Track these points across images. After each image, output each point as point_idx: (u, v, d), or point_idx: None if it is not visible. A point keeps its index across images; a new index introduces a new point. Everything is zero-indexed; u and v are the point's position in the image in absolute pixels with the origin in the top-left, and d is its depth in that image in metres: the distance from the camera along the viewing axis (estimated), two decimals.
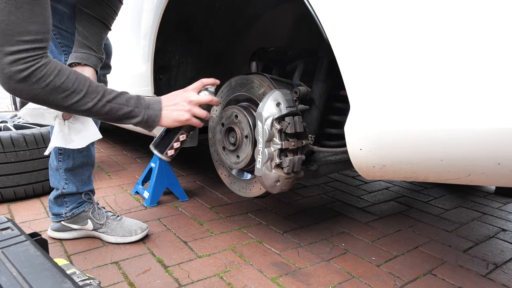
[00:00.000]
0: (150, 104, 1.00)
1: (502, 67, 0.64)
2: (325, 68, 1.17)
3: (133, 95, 0.98)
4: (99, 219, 1.38)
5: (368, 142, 0.83)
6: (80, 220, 1.37)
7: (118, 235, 1.37)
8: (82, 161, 1.35)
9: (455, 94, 0.69)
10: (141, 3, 1.51)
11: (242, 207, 1.77)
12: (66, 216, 1.36)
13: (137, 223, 1.41)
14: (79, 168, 1.35)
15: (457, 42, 0.68)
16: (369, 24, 0.78)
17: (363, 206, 1.86)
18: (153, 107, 1.00)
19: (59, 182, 1.34)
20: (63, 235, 1.39)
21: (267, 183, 1.11)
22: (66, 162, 1.32)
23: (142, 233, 1.39)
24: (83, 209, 1.37)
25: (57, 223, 1.38)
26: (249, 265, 1.26)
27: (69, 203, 1.36)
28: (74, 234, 1.39)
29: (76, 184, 1.35)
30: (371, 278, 1.21)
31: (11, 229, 0.63)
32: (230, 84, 1.30)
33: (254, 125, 1.16)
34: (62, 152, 1.31)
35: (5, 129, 1.95)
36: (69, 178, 1.34)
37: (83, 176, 1.37)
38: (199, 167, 2.45)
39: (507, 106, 0.64)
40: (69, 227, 1.37)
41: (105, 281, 1.13)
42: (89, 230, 1.39)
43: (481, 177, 0.76)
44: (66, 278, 0.45)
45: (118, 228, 1.38)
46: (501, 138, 0.66)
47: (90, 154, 1.37)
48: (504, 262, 1.36)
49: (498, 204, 2.00)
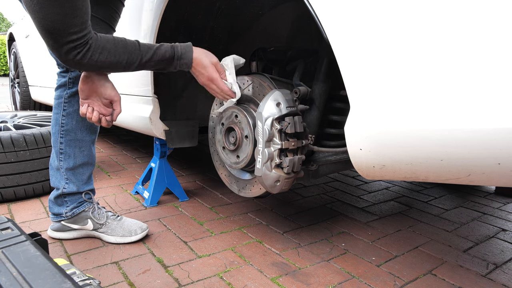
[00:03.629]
0: (182, 54, 1.11)
1: (502, 67, 0.64)
2: (325, 68, 1.17)
3: (167, 46, 1.09)
4: (99, 219, 1.38)
5: (368, 142, 0.83)
6: (80, 220, 1.37)
7: (118, 235, 1.37)
8: (83, 160, 1.35)
9: (455, 94, 0.69)
10: (141, 4, 1.51)
11: (242, 207, 1.77)
12: (66, 216, 1.36)
13: (137, 223, 1.41)
14: (80, 168, 1.35)
15: (456, 42, 0.68)
16: (369, 24, 0.78)
17: (363, 206, 1.86)
18: (186, 53, 1.11)
19: (60, 181, 1.34)
20: (63, 235, 1.39)
21: (267, 183, 1.11)
22: (67, 162, 1.32)
23: (142, 233, 1.39)
24: (83, 208, 1.37)
25: (57, 223, 1.38)
26: (249, 265, 1.26)
27: (70, 202, 1.36)
28: (74, 234, 1.39)
29: (77, 184, 1.35)
30: (371, 278, 1.21)
31: (11, 229, 0.63)
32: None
33: (254, 125, 1.16)
34: (63, 152, 1.32)
35: (5, 129, 1.95)
36: (69, 178, 1.34)
37: (84, 176, 1.37)
38: (199, 167, 2.45)
39: (507, 106, 0.64)
40: (69, 227, 1.37)
41: (105, 281, 1.13)
42: (89, 230, 1.39)
43: (481, 177, 0.76)
44: (66, 278, 0.45)
45: (118, 228, 1.38)
46: (501, 138, 0.66)
47: (91, 153, 1.37)
48: (504, 262, 1.36)
49: (498, 204, 2.00)
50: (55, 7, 0.86)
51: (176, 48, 1.09)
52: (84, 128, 1.33)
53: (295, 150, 1.11)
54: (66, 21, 0.88)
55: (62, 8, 0.86)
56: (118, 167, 2.40)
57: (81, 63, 0.97)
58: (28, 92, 3.85)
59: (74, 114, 1.30)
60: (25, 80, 3.85)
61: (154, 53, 1.06)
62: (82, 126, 1.32)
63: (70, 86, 1.29)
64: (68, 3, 0.87)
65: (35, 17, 0.87)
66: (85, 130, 1.33)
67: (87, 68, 1.05)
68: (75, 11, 0.89)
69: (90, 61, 0.98)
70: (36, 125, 2.06)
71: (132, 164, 2.48)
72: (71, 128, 1.31)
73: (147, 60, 1.06)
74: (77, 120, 1.31)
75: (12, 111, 2.64)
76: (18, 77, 4.05)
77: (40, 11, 0.86)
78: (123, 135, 3.46)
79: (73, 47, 0.93)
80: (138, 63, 1.05)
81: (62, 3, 0.86)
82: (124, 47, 1.03)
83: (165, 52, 1.07)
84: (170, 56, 1.08)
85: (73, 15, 0.89)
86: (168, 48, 1.08)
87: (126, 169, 2.35)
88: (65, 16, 0.88)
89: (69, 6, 0.87)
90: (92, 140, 1.38)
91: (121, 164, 2.46)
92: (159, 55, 1.07)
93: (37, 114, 2.49)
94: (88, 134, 1.35)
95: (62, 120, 1.30)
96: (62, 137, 1.31)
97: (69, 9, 0.87)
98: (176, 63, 1.09)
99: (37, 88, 3.53)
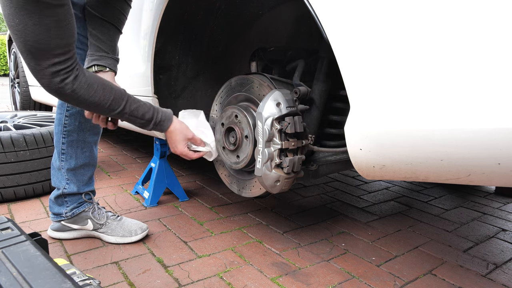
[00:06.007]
0: (161, 121, 1.16)
1: (502, 67, 0.64)
2: (325, 68, 1.17)
3: (151, 108, 1.13)
4: (99, 219, 1.38)
5: (368, 142, 0.83)
6: (80, 220, 1.37)
7: (118, 235, 1.37)
8: (84, 161, 1.35)
9: (455, 94, 0.69)
10: (141, 3, 1.51)
11: (242, 207, 1.77)
12: (66, 216, 1.36)
13: (137, 223, 1.41)
14: (81, 169, 1.35)
15: (456, 42, 0.68)
16: (369, 24, 0.78)
17: (363, 206, 1.86)
18: (164, 122, 1.17)
19: (61, 181, 1.34)
20: (63, 235, 1.39)
21: (267, 183, 1.11)
22: (68, 162, 1.32)
23: (142, 233, 1.39)
24: (83, 209, 1.37)
25: (57, 223, 1.38)
26: (249, 265, 1.26)
27: (70, 203, 1.36)
28: (74, 234, 1.39)
29: (77, 185, 1.35)
30: (371, 278, 1.21)
31: (11, 229, 0.63)
32: (230, 84, 1.30)
33: (254, 125, 1.16)
34: (65, 152, 1.32)
35: (5, 129, 1.95)
36: (70, 178, 1.34)
37: (85, 177, 1.37)
38: (199, 167, 2.45)
39: (507, 106, 0.64)
40: (69, 227, 1.37)
41: (105, 281, 1.13)
42: (89, 230, 1.39)
43: (481, 177, 0.76)
44: (66, 278, 0.45)
45: (118, 228, 1.38)
46: (501, 138, 0.66)
47: (93, 155, 1.38)
48: (504, 262, 1.36)
49: (498, 204, 2.00)
50: (39, 27, 0.83)
51: (157, 113, 1.14)
52: (87, 129, 1.33)
53: (295, 150, 1.11)
54: (50, 42, 0.86)
55: (46, 29, 0.84)
56: (118, 167, 2.40)
57: (62, 91, 0.94)
58: (28, 92, 3.85)
59: (77, 115, 1.30)
60: (25, 80, 3.85)
61: (136, 108, 1.09)
62: (85, 127, 1.32)
63: None
64: (53, 24, 0.84)
65: (18, 37, 0.84)
66: (87, 131, 1.33)
67: (66, 101, 1.01)
68: (60, 33, 0.87)
69: (72, 94, 0.95)
70: (36, 125, 2.06)
71: (132, 164, 2.48)
72: (73, 129, 1.31)
73: (128, 112, 1.07)
74: (80, 121, 1.31)
75: (12, 111, 2.64)
76: (18, 77, 4.05)
77: (24, 30, 0.83)
78: (123, 135, 3.46)
79: (57, 72, 0.90)
80: (118, 112, 1.06)
81: (47, 24, 0.83)
82: (110, 91, 1.03)
83: (146, 113, 1.11)
84: (149, 118, 1.12)
85: (58, 36, 0.86)
86: (150, 109, 1.12)
87: (126, 169, 2.35)
88: (50, 37, 0.85)
89: (55, 26, 0.85)
90: (95, 141, 1.38)
91: (121, 164, 2.46)
92: (140, 112, 1.10)
93: (37, 114, 2.49)
94: (91, 135, 1.35)
95: (65, 121, 1.30)
96: (65, 138, 1.31)
97: (54, 30, 0.85)
98: (151, 127, 1.14)
99: (37, 88, 3.53)
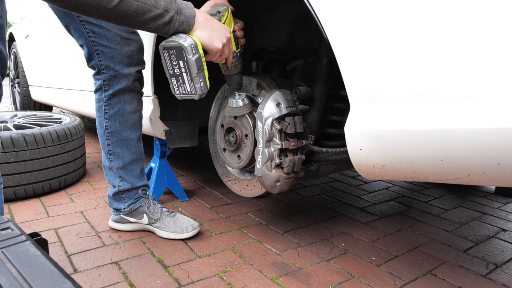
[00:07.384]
0: (182, 9, 0.90)
1: (502, 66, 0.64)
2: (325, 68, 1.17)
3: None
4: (154, 214, 1.43)
5: (368, 142, 0.83)
6: (137, 214, 1.44)
7: (170, 231, 1.41)
8: (132, 158, 1.39)
9: (455, 94, 0.69)
10: None
11: (242, 207, 1.77)
12: (124, 211, 1.44)
13: (189, 220, 1.45)
14: (130, 165, 1.40)
15: (456, 42, 0.68)
16: (369, 24, 0.78)
17: (363, 206, 1.86)
18: (185, 13, 0.90)
19: (115, 179, 1.40)
20: (121, 227, 1.47)
21: (267, 183, 1.11)
22: (117, 162, 1.37)
23: (192, 231, 1.42)
24: (140, 204, 1.44)
25: (116, 216, 1.46)
26: (249, 265, 1.26)
27: (127, 199, 1.43)
28: (131, 227, 1.47)
29: (130, 181, 1.41)
30: (371, 278, 1.21)
31: (11, 229, 0.63)
32: None
33: (254, 125, 1.16)
34: (112, 152, 1.36)
35: (5, 129, 1.95)
36: (122, 176, 1.39)
37: (135, 172, 1.42)
38: (199, 167, 2.45)
39: (507, 106, 0.64)
40: (127, 219, 1.45)
41: (105, 281, 1.13)
42: (144, 224, 1.45)
43: (481, 177, 0.76)
44: (66, 278, 0.44)
45: (171, 224, 1.42)
46: (501, 138, 0.66)
47: (139, 149, 1.41)
48: (504, 262, 1.36)
49: (498, 204, 2.00)
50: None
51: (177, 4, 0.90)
52: (128, 127, 1.36)
53: (295, 150, 1.11)
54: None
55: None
56: None
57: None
58: (28, 92, 3.86)
59: (116, 116, 1.33)
60: (25, 80, 3.85)
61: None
62: (126, 126, 1.35)
63: (106, 89, 1.31)
64: None
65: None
66: (129, 129, 1.36)
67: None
68: None
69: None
70: (36, 125, 2.06)
71: None
72: (115, 130, 1.34)
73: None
74: (120, 121, 1.34)
75: (12, 111, 2.64)
76: (18, 77, 4.06)
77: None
78: None
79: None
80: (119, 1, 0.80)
81: None
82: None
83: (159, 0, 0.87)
84: (165, 7, 0.87)
85: None
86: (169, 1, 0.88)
87: None
88: None
89: None
90: (138, 136, 1.40)
91: None
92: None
93: (37, 114, 2.49)
94: (133, 132, 1.38)
95: (106, 123, 1.34)
96: (109, 139, 1.35)
97: None
98: (173, 15, 0.89)
99: (37, 88, 3.53)
